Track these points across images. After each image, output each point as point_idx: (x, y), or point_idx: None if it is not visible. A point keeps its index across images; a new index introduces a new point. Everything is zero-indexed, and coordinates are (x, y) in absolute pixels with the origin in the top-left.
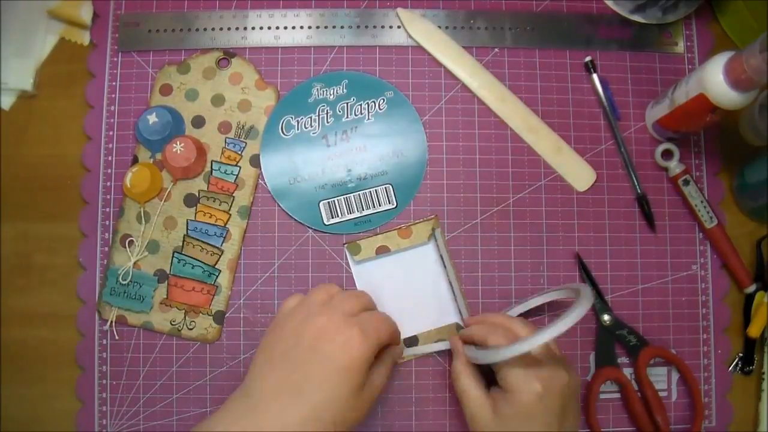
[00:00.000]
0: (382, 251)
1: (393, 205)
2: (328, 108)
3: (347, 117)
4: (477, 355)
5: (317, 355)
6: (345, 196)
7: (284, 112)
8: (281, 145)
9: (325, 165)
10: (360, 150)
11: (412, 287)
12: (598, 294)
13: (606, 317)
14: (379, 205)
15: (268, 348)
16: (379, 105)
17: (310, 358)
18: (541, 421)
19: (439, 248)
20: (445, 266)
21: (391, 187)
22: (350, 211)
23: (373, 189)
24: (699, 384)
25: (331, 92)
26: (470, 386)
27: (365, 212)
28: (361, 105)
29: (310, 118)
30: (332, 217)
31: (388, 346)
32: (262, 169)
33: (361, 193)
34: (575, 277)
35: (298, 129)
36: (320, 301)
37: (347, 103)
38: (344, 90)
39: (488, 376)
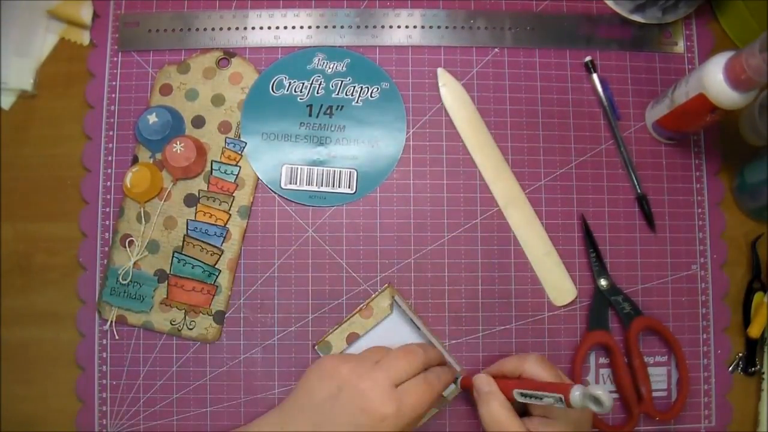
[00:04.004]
0: (353, 338)
1: (352, 190)
2: (323, 80)
3: (337, 94)
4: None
5: (350, 420)
6: (309, 167)
7: (280, 70)
8: (267, 100)
9: (301, 132)
10: (338, 129)
11: None
12: (597, 256)
13: (603, 282)
14: (339, 187)
15: (310, 386)
16: (372, 93)
17: (343, 420)
18: None
19: (405, 313)
20: (419, 328)
21: (355, 172)
22: (309, 183)
23: (338, 170)
24: (685, 358)
25: (331, 66)
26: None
27: (323, 189)
28: (354, 87)
29: (302, 83)
30: (290, 183)
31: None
32: (242, 116)
33: (325, 169)
34: (576, 277)
35: (287, 91)
36: (374, 357)
37: (342, 81)
38: (344, 68)
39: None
